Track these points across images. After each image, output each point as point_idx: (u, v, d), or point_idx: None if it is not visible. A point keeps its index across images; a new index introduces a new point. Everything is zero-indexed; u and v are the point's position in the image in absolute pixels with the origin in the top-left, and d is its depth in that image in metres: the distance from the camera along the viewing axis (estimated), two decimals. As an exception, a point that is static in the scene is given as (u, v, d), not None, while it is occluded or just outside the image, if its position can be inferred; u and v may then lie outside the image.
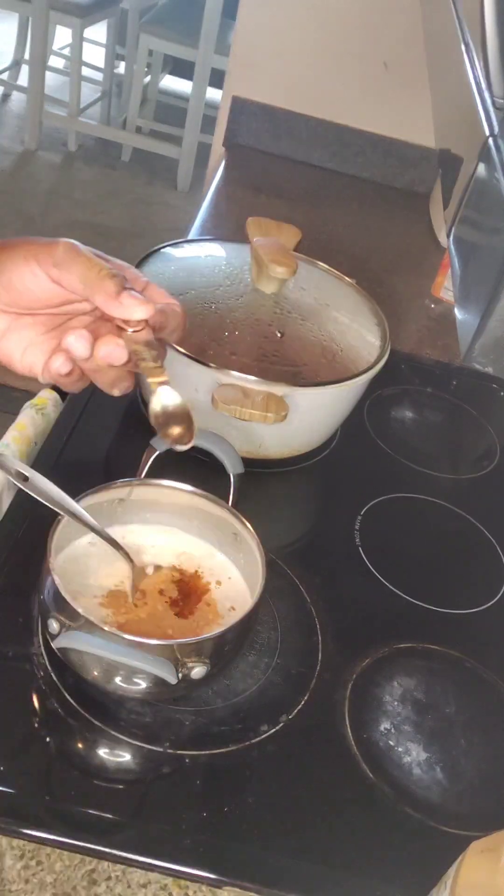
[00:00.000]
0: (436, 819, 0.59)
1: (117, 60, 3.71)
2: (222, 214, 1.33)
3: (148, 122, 3.55)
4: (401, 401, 1.03)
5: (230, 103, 1.49)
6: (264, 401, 0.70)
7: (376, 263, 1.31)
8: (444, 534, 0.86)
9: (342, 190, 1.51)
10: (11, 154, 3.33)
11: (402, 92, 1.44)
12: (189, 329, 0.76)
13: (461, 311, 0.42)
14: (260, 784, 0.58)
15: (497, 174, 0.39)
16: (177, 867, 0.53)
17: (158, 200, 3.30)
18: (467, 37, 0.53)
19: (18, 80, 3.70)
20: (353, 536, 0.80)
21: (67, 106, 3.36)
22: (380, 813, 0.59)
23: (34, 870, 0.52)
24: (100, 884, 0.53)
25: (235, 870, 0.53)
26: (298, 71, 1.45)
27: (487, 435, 1.01)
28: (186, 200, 3.28)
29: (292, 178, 1.51)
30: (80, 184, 3.28)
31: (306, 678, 0.66)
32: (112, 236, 2.97)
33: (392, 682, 0.67)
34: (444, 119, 0.60)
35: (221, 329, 0.76)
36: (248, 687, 0.64)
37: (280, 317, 0.79)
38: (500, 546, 0.84)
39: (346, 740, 0.62)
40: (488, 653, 0.72)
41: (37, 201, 3.07)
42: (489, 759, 0.64)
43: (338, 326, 0.82)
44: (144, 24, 3.16)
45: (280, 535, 0.79)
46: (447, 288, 1.22)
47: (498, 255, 0.37)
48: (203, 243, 0.93)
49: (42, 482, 0.64)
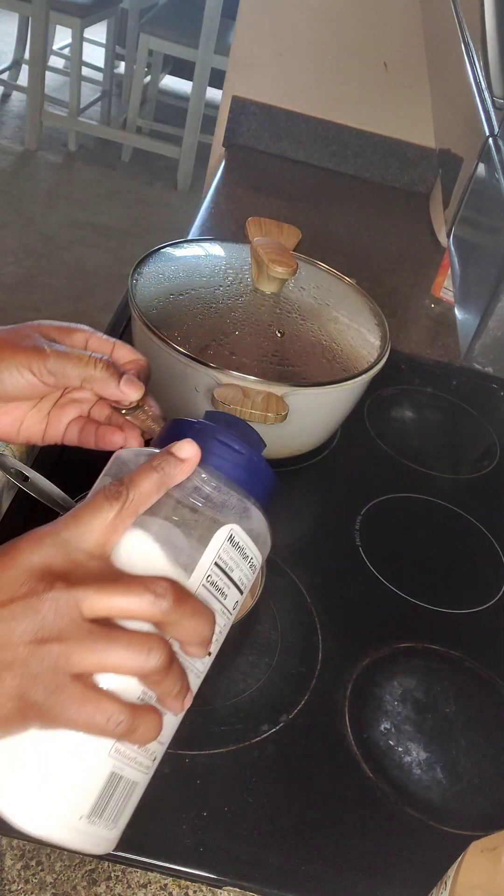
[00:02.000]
0: (436, 819, 0.59)
1: (117, 60, 3.71)
2: (222, 214, 1.33)
3: (148, 122, 3.56)
4: (401, 401, 1.03)
5: (230, 103, 1.49)
6: (264, 401, 0.70)
7: (376, 263, 1.31)
8: (444, 534, 0.86)
9: (342, 190, 1.51)
10: (11, 154, 3.33)
11: (402, 92, 1.44)
12: (189, 329, 0.77)
13: (461, 311, 0.42)
14: (260, 784, 0.58)
15: (497, 174, 0.39)
16: (177, 867, 0.53)
17: (158, 200, 3.31)
18: (467, 37, 0.53)
19: (18, 80, 3.70)
20: (353, 536, 0.80)
21: (67, 106, 3.36)
22: (380, 813, 0.59)
23: (34, 870, 0.52)
24: (100, 884, 0.53)
25: (235, 870, 0.53)
26: (298, 71, 1.45)
27: (487, 435, 1.01)
28: (186, 200, 3.29)
29: (292, 178, 1.51)
30: (80, 184, 3.28)
31: (306, 678, 0.66)
32: (112, 236, 2.97)
33: (392, 682, 0.67)
34: (444, 119, 0.60)
35: (221, 329, 0.76)
36: (248, 687, 0.64)
37: (280, 317, 0.79)
38: (500, 546, 0.84)
39: (346, 740, 0.62)
40: (488, 653, 0.72)
41: (37, 201, 3.07)
42: (489, 759, 0.64)
43: (338, 326, 0.82)
44: (144, 24, 3.16)
45: (280, 535, 0.79)
46: (447, 288, 1.22)
47: (498, 255, 0.37)
48: (203, 243, 0.93)
49: (42, 482, 0.65)
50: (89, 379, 0.48)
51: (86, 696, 0.36)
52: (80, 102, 3.35)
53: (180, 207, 3.24)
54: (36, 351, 0.47)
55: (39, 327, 0.50)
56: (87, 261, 2.79)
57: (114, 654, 0.36)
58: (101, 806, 0.38)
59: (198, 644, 0.39)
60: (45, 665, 0.35)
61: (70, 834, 0.37)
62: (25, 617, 0.36)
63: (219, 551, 0.41)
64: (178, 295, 0.80)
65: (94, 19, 3.24)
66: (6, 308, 2.48)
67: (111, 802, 0.38)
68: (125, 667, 0.36)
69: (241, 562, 0.42)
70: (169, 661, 0.37)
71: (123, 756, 0.39)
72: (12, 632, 0.35)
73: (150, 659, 0.36)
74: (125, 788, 0.39)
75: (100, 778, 0.38)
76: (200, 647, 0.39)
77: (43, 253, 2.77)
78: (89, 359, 0.48)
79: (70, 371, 0.47)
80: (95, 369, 0.47)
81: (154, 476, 0.40)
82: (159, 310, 0.77)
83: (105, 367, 0.48)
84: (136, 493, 0.39)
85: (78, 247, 2.86)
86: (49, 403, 0.52)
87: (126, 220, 3.10)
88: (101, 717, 0.36)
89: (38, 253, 2.76)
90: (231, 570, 0.42)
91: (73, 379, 0.48)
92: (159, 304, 0.78)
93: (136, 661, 0.36)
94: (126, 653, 0.36)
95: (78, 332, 0.51)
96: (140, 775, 0.40)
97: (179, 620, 0.37)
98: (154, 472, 0.40)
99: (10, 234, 2.82)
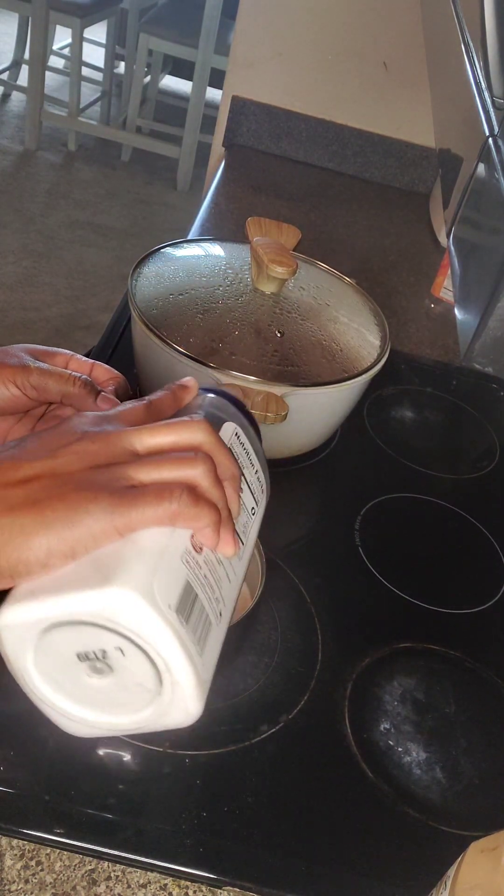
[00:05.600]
0: (436, 819, 0.59)
1: (117, 60, 3.71)
2: (222, 214, 1.33)
3: (148, 122, 3.56)
4: (401, 401, 1.03)
5: (230, 103, 1.49)
6: (264, 401, 0.70)
7: (376, 263, 1.31)
8: (444, 534, 0.86)
9: (342, 190, 1.51)
10: (11, 154, 3.33)
11: (402, 92, 1.44)
12: (189, 329, 0.77)
13: (461, 311, 0.42)
14: (260, 784, 0.58)
15: (497, 174, 0.40)
16: (177, 867, 0.53)
17: (158, 200, 3.31)
18: (467, 37, 0.53)
19: (18, 80, 3.70)
20: (353, 536, 0.80)
21: (67, 106, 3.36)
22: (380, 813, 0.59)
23: (34, 870, 0.52)
24: (100, 884, 0.53)
25: (235, 870, 0.53)
26: (298, 71, 1.45)
27: (487, 435, 1.01)
28: (186, 200, 3.29)
29: (292, 178, 1.51)
30: (80, 184, 3.28)
31: (306, 678, 0.66)
32: (112, 236, 2.97)
33: (392, 682, 0.67)
34: (444, 119, 0.60)
35: (221, 329, 0.76)
36: (248, 687, 0.64)
37: (280, 317, 0.79)
38: (500, 546, 0.84)
39: (346, 740, 0.62)
40: (488, 653, 0.72)
41: (37, 201, 3.07)
42: (489, 759, 0.64)
43: (338, 326, 0.82)
44: (144, 24, 3.16)
45: (280, 535, 0.80)
46: (447, 288, 1.22)
47: (498, 255, 0.37)
48: (203, 243, 0.93)
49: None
50: (68, 395, 0.52)
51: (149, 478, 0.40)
52: (80, 102, 3.35)
53: (180, 207, 3.24)
54: (21, 367, 0.52)
55: (25, 349, 0.54)
56: (87, 261, 2.79)
57: (166, 467, 0.41)
58: (185, 607, 0.38)
59: (230, 477, 0.43)
60: (105, 476, 0.39)
61: (167, 624, 0.37)
62: (84, 453, 0.40)
63: (230, 442, 0.45)
64: (178, 295, 0.80)
65: (94, 19, 3.24)
66: (6, 308, 2.48)
67: (193, 615, 0.39)
68: (178, 476, 0.41)
69: (248, 467, 0.46)
70: (214, 470, 0.42)
71: (195, 568, 0.40)
72: (72, 467, 0.40)
73: (196, 465, 0.41)
74: (201, 614, 0.40)
75: (179, 575, 0.39)
76: (233, 481, 0.44)
77: (43, 253, 2.77)
78: (69, 377, 0.52)
79: (51, 386, 0.52)
80: (74, 386, 0.52)
81: (168, 394, 0.47)
82: (159, 310, 0.77)
83: (83, 385, 0.52)
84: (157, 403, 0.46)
85: (78, 247, 2.86)
86: (33, 420, 0.56)
87: (126, 220, 3.10)
88: (166, 492, 0.40)
89: (38, 253, 2.76)
90: (243, 466, 0.46)
91: (53, 394, 0.52)
92: (159, 304, 0.78)
93: (187, 469, 0.41)
94: (177, 464, 0.41)
95: (59, 355, 0.55)
96: (212, 614, 0.41)
97: (215, 451, 0.43)
98: (167, 393, 0.47)
99: (10, 234, 2.82)
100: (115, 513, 0.38)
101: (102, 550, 0.38)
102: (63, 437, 0.41)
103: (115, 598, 0.36)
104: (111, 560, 0.38)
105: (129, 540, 0.38)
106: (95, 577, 0.37)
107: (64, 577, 0.37)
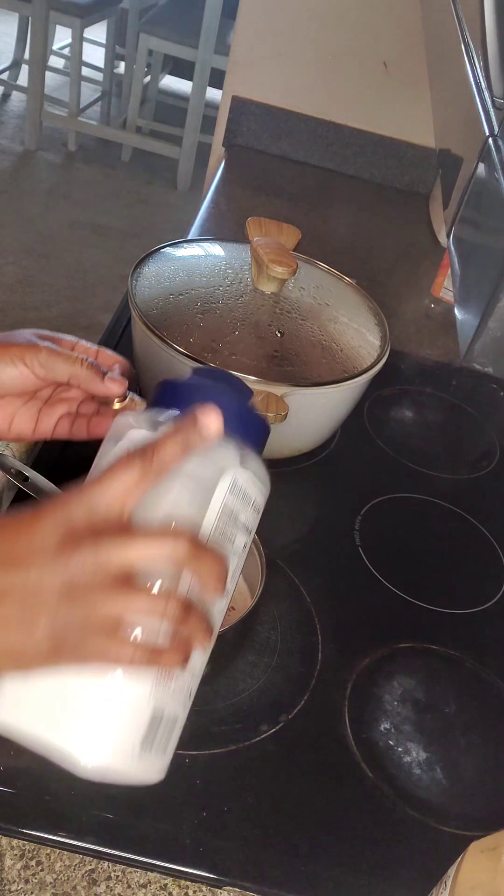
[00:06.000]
0: (436, 819, 0.59)
1: (117, 60, 3.71)
2: (222, 214, 1.33)
3: (148, 122, 3.55)
4: (401, 401, 1.03)
5: (230, 103, 1.49)
6: (264, 401, 0.70)
7: (376, 263, 1.31)
8: (444, 534, 0.86)
9: (342, 190, 1.51)
10: (11, 154, 3.33)
11: (402, 92, 1.44)
12: (189, 329, 0.77)
13: (461, 311, 0.42)
14: (260, 784, 0.58)
15: (497, 174, 0.40)
16: (177, 867, 0.53)
17: (158, 200, 3.30)
18: (467, 37, 0.53)
19: (18, 80, 3.70)
20: (353, 536, 0.80)
21: (67, 106, 3.36)
22: (380, 813, 0.59)
23: (34, 870, 0.52)
24: (100, 884, 0.53)
25: (235, 870, 0.53)
26: (298, 71, 1.45)
27: (487, 435, 1.01)
28: (186, 200, 3.28)
29: (292, 178, 1.51)
30: (80, 184, 3.28)
31: (306, 678, 0.66)
32: (112, 236, 2.97)
33: (392, 682, 0.67)
34: (444, 119, 0.60)
35: (221, 329, 0.76)
36: (248, 687, 0.64)
37: (280, 317, 0.79)
38: (500, 546, 0.84)
39: (346, 740, 0.62)
40: (488, 653, 0.72)
41: (37, 201, 3.07)
42: (489, 759, 0.64)
43: (338, 326, 0.82)
44: (144, 24, 3.16)
45: (280, 535, 0.79)
46: (447, 288, 1.22)
47: (498, 255, 0.37)
48: (203, 243, 0.93)
49: (42, 482, 0.65)
50: (76, 376, 0.52)
51: (113, 634, 0.40)
52: (80, 102, 3.35)
53: (180, 207, 3.24)
54: (30, 346, 0.52)
55: (33, 332, 0.55)
56: (87, 261, 2.79)
57: (136, 600, 0.40)
58: (151, 737, 0.41)
59: (215, 580, 0.42)
60: (75, 613, 0.39)
61: (127, 764, 0.41)
62: (55, 573, 0.39)
63: (224, 499, 0.44)
64: (178, 295, 0.80)
65: (94, 19, 3.23)
66: (6, 308, 2.47)
67: (159, 733, 0.42)
68: (147, 611, 0.40)
69: (245, 506, 0.46)
70: (185, 607, 0.41)
71: (162, 691, 0.42)
72: (43, 586, 0.39)
73: (168, 607, 0.40)
74: (169, 721, 0.42)
75: (145, 711, 0.41)
76: (218, 584, 0.42)
77: (42, 253, 2.77)
78: (76, 358, 0.52)
79: (59, 367, 0.52)
80: (81, 368, 0.52)
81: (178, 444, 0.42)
82: (159, 310, 0.77)
83: (89, 366, 0.52)
84: (159, 461, 0.42)
85: (78, 247, 2.86)
86: (39, 402, 0.56)
87: (126, 220, 3.09)
88: (129, 649, 0.40)
89: (37, 253, 2.76)
90: (237, 514, 0.45)
91: (61, 374, 0.52)
92: (159, 304, 0.78)
93: (157, 606, 0.40)
94: (147, 598, 0.40)
95: (65, 340, 0.56)
96: (180, 709, 0.43)
97: (197, 561, 0.41)
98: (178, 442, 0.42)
99: (10, 234, 2.82)
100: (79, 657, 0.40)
101: (71, 689, 0.40)
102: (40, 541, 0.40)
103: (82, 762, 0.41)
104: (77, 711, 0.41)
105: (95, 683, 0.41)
106: (64, 732, 0.41)
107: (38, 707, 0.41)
